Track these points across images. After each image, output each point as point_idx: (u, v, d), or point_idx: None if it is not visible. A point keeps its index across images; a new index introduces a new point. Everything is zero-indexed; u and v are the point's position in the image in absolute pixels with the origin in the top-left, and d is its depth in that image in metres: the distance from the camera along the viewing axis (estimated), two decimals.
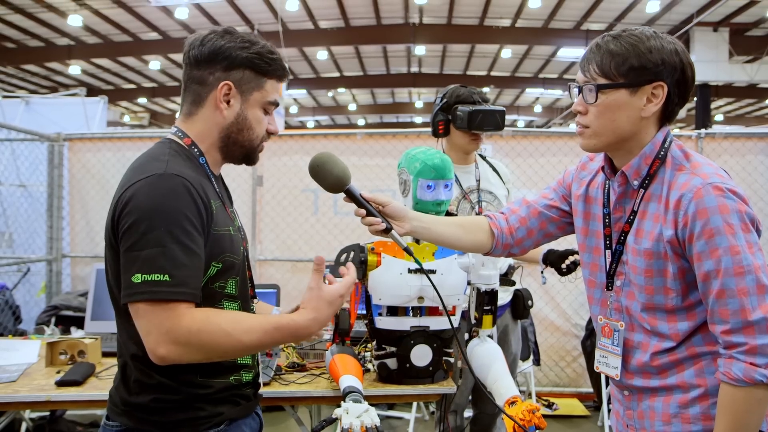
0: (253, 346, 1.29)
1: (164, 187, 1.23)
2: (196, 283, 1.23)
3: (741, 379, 1.22)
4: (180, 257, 1.20)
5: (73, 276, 4.92)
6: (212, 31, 1.39)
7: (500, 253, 1.68)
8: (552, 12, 13.44)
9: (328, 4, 13.36)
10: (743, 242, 1.24)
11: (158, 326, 1.19)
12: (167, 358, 1.20)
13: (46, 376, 2.21)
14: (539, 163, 4.33)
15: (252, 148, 1.44)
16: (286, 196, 4.56)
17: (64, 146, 4.82)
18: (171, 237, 1.20)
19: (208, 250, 1.29)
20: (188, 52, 1.38)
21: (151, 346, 1.20)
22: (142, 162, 1.32)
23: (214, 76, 1.36)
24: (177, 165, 1.29)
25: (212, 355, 1.26)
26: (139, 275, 1.19)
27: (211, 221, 1.30)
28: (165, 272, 1.18)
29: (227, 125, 1.39)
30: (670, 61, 1.32)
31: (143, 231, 1.20)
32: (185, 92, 1.41)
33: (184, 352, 1.20)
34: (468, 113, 2.50)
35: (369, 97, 23.26)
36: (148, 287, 1.18)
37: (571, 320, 4.45)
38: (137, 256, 1.20)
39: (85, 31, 14.29)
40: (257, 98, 1.40)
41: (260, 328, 1.27)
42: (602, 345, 1.49)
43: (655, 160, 1.37)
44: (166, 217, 1.21)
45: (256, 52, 1.37)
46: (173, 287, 1.19)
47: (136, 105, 22.25)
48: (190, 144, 1.39)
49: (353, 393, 1.75)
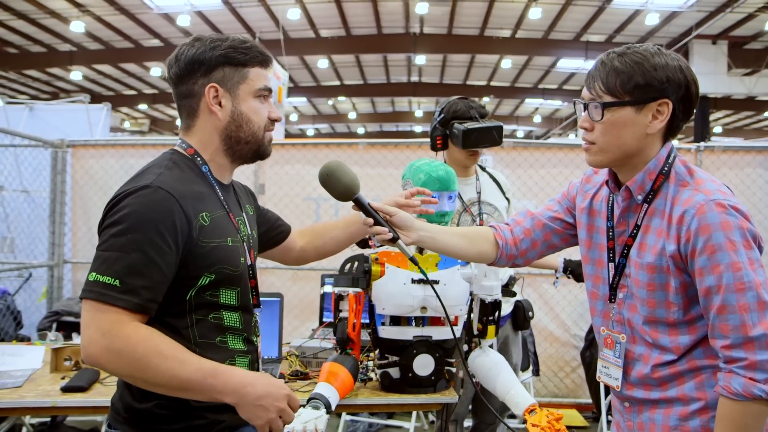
0: (182, 383, 1.21)
1: (145, 198, 1.25)
2: (149, 295, 1.23)
3: (740, 393, 1.24)
4: (137, 266, 1.21)
5: (75, 282, 4.92)
6: (183, 44, 1.40)
7: (504, 263, 1.69)
8: (552, 23, 13.53)
9: (329, 12, 13.43)
10: (745, 259, 1.26)
11: (98, 325, 1.19)
12: (93, 359, 1.20)
13: (51, 382, 2.23)
14: (539, 174, 4.36)
15: (257, 141, 1.43)
16: (288, 204, 4.58)
17: (68, 152, 4.85)
18: (135, 246, 1.21)
19: (198, 261, 1.30)
20: (169, 72, 1.40)
21: (83, 342, 1.20)
22: (139, 172, 1.35)
23: (198, 85, 1.37)
24: (168, 178, 1.30)
25: (137, 375, 1.21)
26: (94, 274, 1.21)
27: (198, 234, 1.30)
28: (117, 277, 1.20)
29: (225, 125, 1.39)
30: (674, 78, 1.33)
31: (112, 233, 1.23)
32: (180, 110, 1.43)
33: (112, 360, 1.19)
34: (462, 132, 2.49)
35: (369, 105, 23.33)
36: (97, 287, 1.20)
37: (570, 331, 4.47)
38: (99, 255, 1.23)
39: (87, 37, 14.35)
40: (246, 90, 1.40)
41: (197, 367, 1.22)
42: (604, 356, 1.51)
43: (659, 176, 1.39)
44: (138, 227, 1.22)
45: (228, 47, 1.38)
46: (121, 293, 1.19)
47: (137, 111, 22.29)
48: (192, 154, 1.40)
49: (315, 400, 1.78)
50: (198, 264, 1.30)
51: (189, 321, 1.32)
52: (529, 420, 1.86)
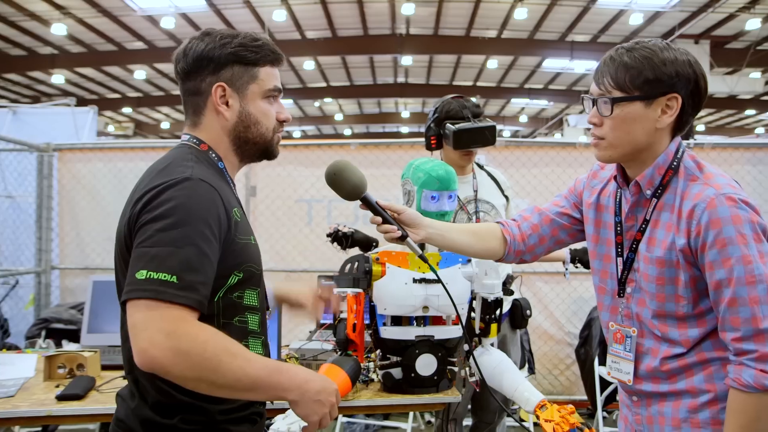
0: (251, 381, 1.15)
1: (190, 190, 1.18)
2: (205, 291, 1.15)
3: (751, 385, 1.25)
4: (193, 261, 1.12)
5: (63, 288, 4.84)
6: (192, 38, 1.34)
7: (512, 259, 1.69)
8: (537, 23, 13.62)
9: (315, 14, 13.40)
10: (755, 252, 1.27)
11: (159, 325, 1.07)
12: (155, 363, 1.08)
13: (45, 391, 2.18)
14: (532, 173, 4.36)
15: (266, 142, 1.38)
16: (280, 206, 4.55)
17: (54, 156, 4.77)
18: (187, 239, 1.13)
19: (231, 259, 1.24)
20: (176, 67, 1.35)
21: (143, 345, 1.07)
22: (165, 165, 1.26)
23: (205, 83, 1.32)
24: (202, 171, 1.25)
25: (205, 377, 1.10)
26: (145, 272, 1.10)
27: (234, 230, 1.25)
28: (174, 273, 1.10)
29: (232, 126, 1.34)
30: (684, 73, 1.34)
31: (159, 228, 1.13)
32: (185, 106, 1.37)
33: (179, 363, 1.07)
34: (453, 132, 2.49)
35: (356, 107, 23.32)
36: (152, 285, 1.09)
37: (565, 329, 4.47)
38: (146, 252, 1.12)
39: (69, 40, 14.16)
40: (255, 90, 1.34)
41: (263, 363, 1.18)
42: (614, 351, 1.51)
43: (668, 171, 1.39)
44: (187, 220, 1.14)
45: (238, 44, 1.32)
46: (179, 290, 1.10)
47: (121, 115, 22.09)
48: (207, 149, 1.35)
49: None
50: (231, 262, 1.24)
51: (217, 325, 1.22)
52: (542, 416, 1.85)
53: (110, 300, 2.80)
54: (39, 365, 2.41)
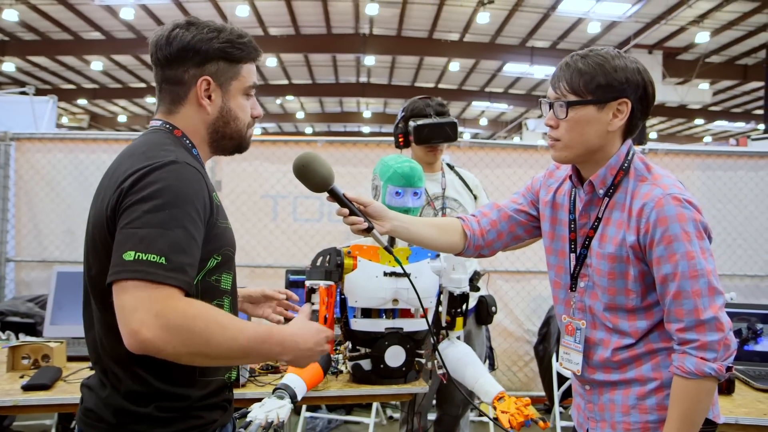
0: (244, 350, 1.17)
1: (177, 173, 1.19)
2: (192, 273, 1.16)
3: (693, 372, 1.35)
4: (182, 243, 1.13)
5: (18, 281, 4.71)
6: (175, 25, 1.33)
7: (471, 253, 1.75)
8: (499, 28, 13.89)
9: (278, 11, 13.33)
10: (698, 248, 1.37)
11: (148, 306, 1.07)
12: (148, 344, 1.07)
13: (10, 381, 2.15)
14: (495, 173, 4.48)
15: (241, 137, 1.40)
16: (245, 201, 4.54)
17: (11, 146, 4.63)
18: (175, 221, 1.14)
19: (212, 242, 1.25)
20: (155, 53, 1.33)
21: (133, 326, 1.06)
22: (145, 149, 1.25)
23: (189, 74, 1.31)
24: (183, 155, 1.26)
25: (199, 350, 1.11)
26: (133, 253, 1.09)
27: (216, 214, 1.27)
28: (163, 254, 1.10)
29: (213, 120, 1.35)
30: (633, 80, 1.44)
31: (146, 210, 1.13)
32: (161, 93, 1.36)
33: (170, 340, 1.07)
34: (414, 128, 2.64)
35: (317, 105, 23.25)
36: (141, 266, 1.08)
37: (524, 326, 4.61)
38: (134, 233, 1.11)
39: (21, 27, 13.69)
40: (237, 87, 1.36)
41: (254, 330, 1.19)
42: (565, 343, 1.60)
43: (620, 171, 1.49)
44: (176, 202, 1.15)
45: (226, 41, 1.32)
46: (169, 271, 1.10)
47: (76, 106, 21.45)
48: (180, 135, 1.35)
49: (280, 390, 1.82)
50: (212, 245, 1.26)
51: None
52: (499, 407, 1.93)
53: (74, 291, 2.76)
54: (2, 356, 2.38)
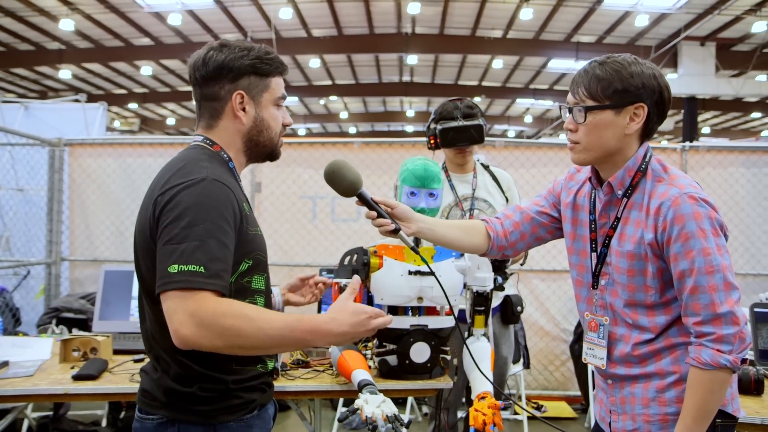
0: (274, 339, 1.31)
1: (207, 190, 1.35)
2: (227, 277, 1.32)
3: (709, 363, 1.40)
4: (215, 252, 1.30)
5: (72, 279, 4.98)
6: (209, 48, 1.50)
7: (495, 254, 1.82)
8: (543, 24, 13.68)
9: (321, 12, 13.50)
10: (713, 245, 1.42)
11: (184, 308, 1.25)
12: (189, 340, 1.25)
13: (62, 371, 2.31)
14: (530, 173, 4.47)
15: (273, 145, 1.57)
16: (285, 202, 4.67)
17: (65, 151, 4.90)
18: (209, 233, 1.30)
19: (242, 248, 1.40)
20: (193, 74, 1.50)
21: (174, 327, 1.25)
22: (182, 165, 1.42)
23: (224, 90, 1.48)
24: (216, 171, 1.41)
25: (233, 342, 1.28)
26: (176, 266, 1.27)
27: (246, 223, 1.42)
28: (201, 264, 1.27)
29: (247, 130, 1.52)
30: (649, 85, 1.49)
31: (183, 226, 1.30)
32: (201, 109, 1.54)
33: (206, 335, 1.25)
34: (440, 132, 2.72)
35: (361, 105, 23.42)
36: (183, 276, 1.26)
37: (560, 325, 4.58)
38: (176, 248, 1.29)
39: (76, 35, 14.32)
40: (267, 98, 1.52)
41: (282, 321, 1.32)
42: (589, 339, 1.65)
43: (638, 173, 1.55)
44: (207, 216, 1.31)
45: (255, 57, 1.49)
46: (207, 278, 1.27)
47: (127, 110, 22.25)
48: (219, 150, 1.51)
49: (369, 385, 1.89)
50: (243, 250, 1.41)
51: None
52: (475, 405, 2.00)
53: (121, 289, 2.94)
54: (54, 349, 2.55)
